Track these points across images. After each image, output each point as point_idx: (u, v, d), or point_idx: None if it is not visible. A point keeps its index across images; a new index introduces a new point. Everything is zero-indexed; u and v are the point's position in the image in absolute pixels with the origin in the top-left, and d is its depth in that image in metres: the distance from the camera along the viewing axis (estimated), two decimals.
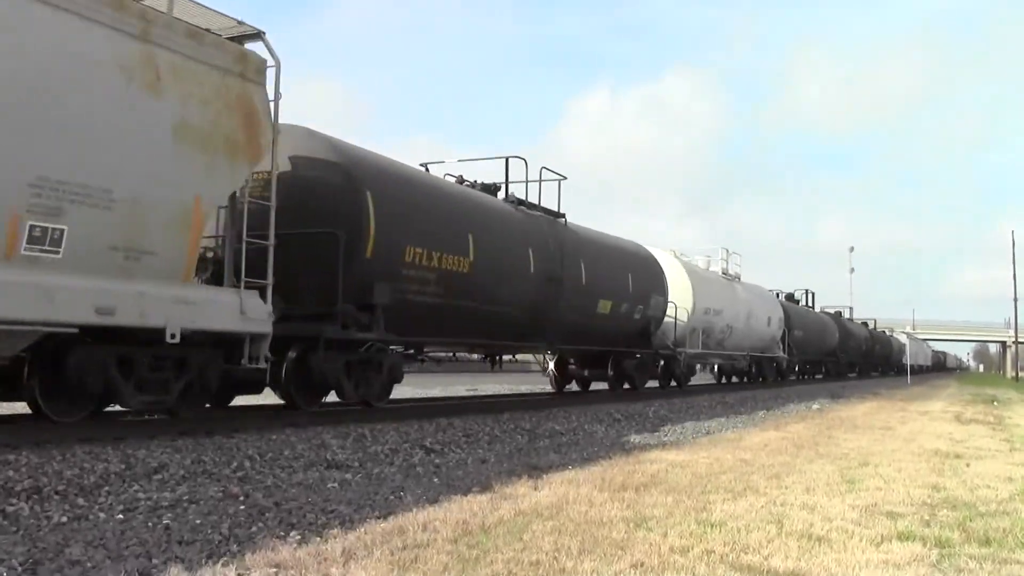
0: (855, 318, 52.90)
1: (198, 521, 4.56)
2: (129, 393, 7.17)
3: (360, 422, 9.15)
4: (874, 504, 5.55)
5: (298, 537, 4.27)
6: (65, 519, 4.53)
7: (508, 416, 10.86)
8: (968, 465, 7.77)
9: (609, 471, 6.63)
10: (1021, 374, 61.49)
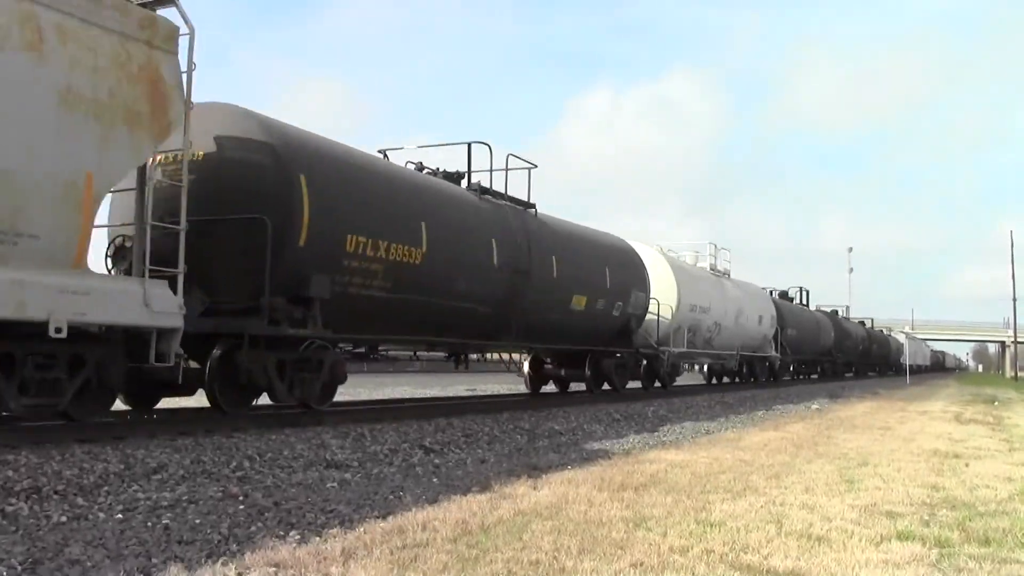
0: (853, 317, 52.04)
1: (197, 521, 4.57)
2: (10, 395, 6.27)
3: (359, 422, 9.16)
4: (873, 504, 5.55)
5: (297, 537, 4.27)
6: (64, 519, 4.54)
7: (507, 416, 10.87)
8: (967, 465, 7.77)
9: (608, 471, 6.63)
10: (1020, 374, 61.55)
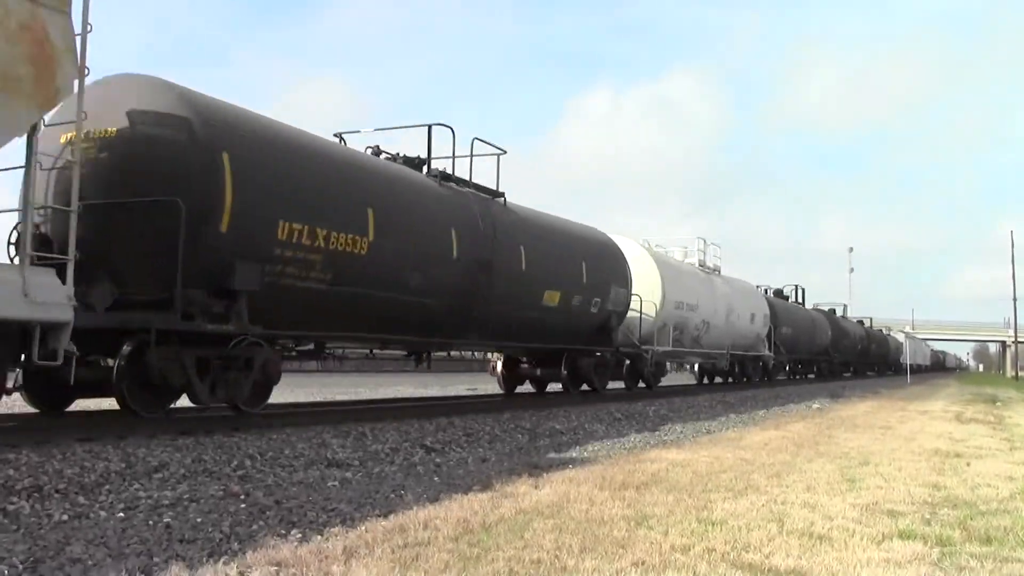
0: (852, 317, 51.32)
1: (199, 519, 4.57)
2: None
3: (360, 421, 9.16)
4: (875, 503, 5.55)
5: (299, 535, 4.27)
6: (66, 517, 4.53)
7: (509, 415, 10.88)
8: (968, 464, 7.77)
9: (610, 470, 6.63)
10: (1021, 373, 61.54)
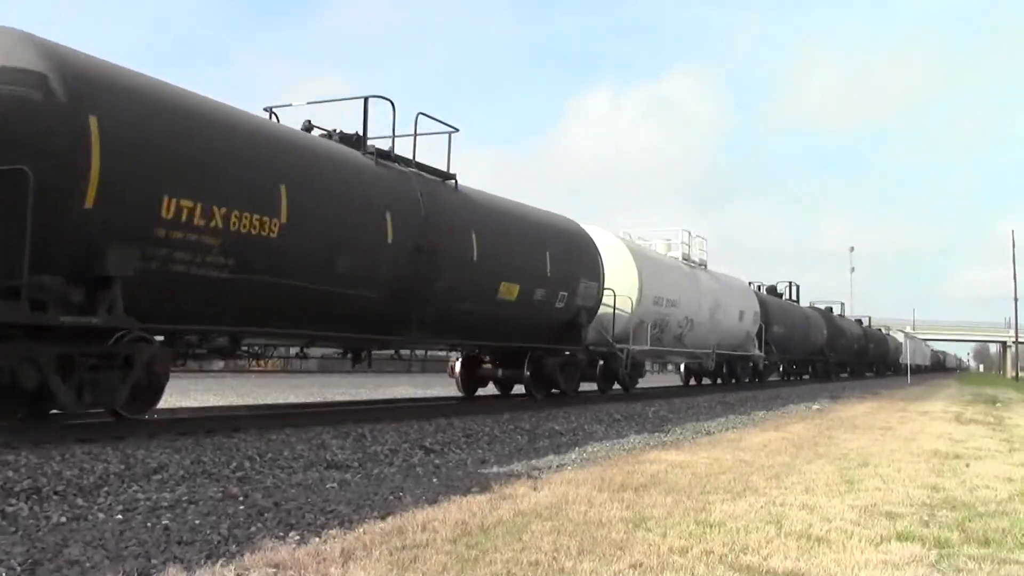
0: (851, 316, 50.25)
1: (197, 521, 4.57)
2: None
3: (360, 422, 9.16)
4: (873, 504, 5.55)
5: (297, 537, 4.27)
6: (64, 519, 4.54)
7: (508, 417, 10.88)
8: (968, 465, 7.77)
9: (608, 471, 6.63)
10: (1021, 374, 61.54)
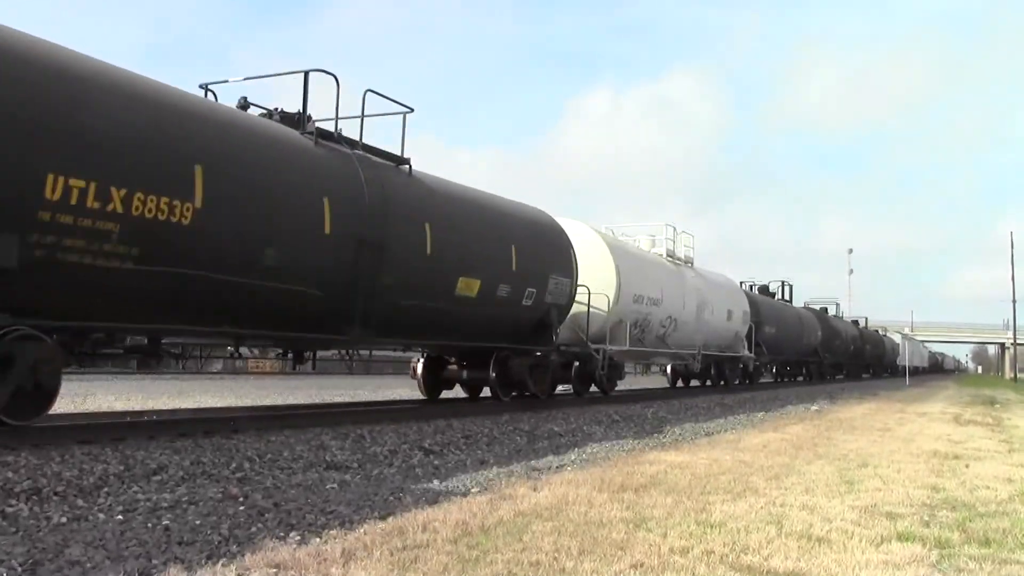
0: (848, 317, 49.70)
1: (198, 522, 4.57)
2: None
3: (359, 423, 9.16)
4: (873, 505, 5.55)
5: (298, 538, 4.27)
6: (64, 520, 4.53)
7: (507, 418, 10.88)
8: (967, 466, 7.78)
9: (608, 472, 6.63)
10: (1020, 375, 61.62)
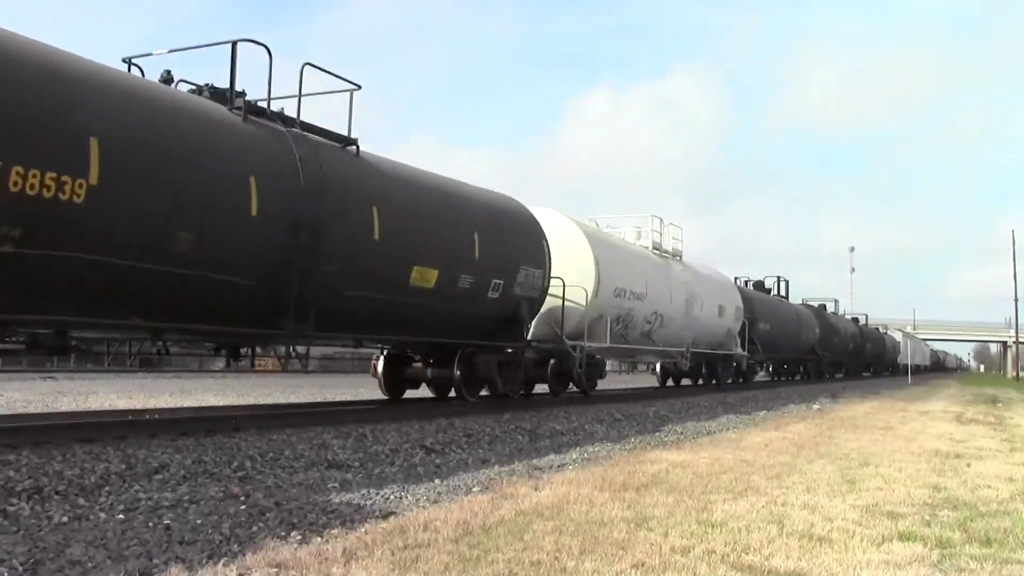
0: (848, 314, 48.99)
1: (199, 521, 4.57)
2: None
3: (361, 422, 9.16)
4: (875, 504, 5.55)
5: (299, 537, 4.27)
6: (66, 519, 4.54)
7: (509, 416, 10.88)
8: (969, 465, 7.77)
9: (610, 471, 6.63)
10: (1022, 374, 61.53)
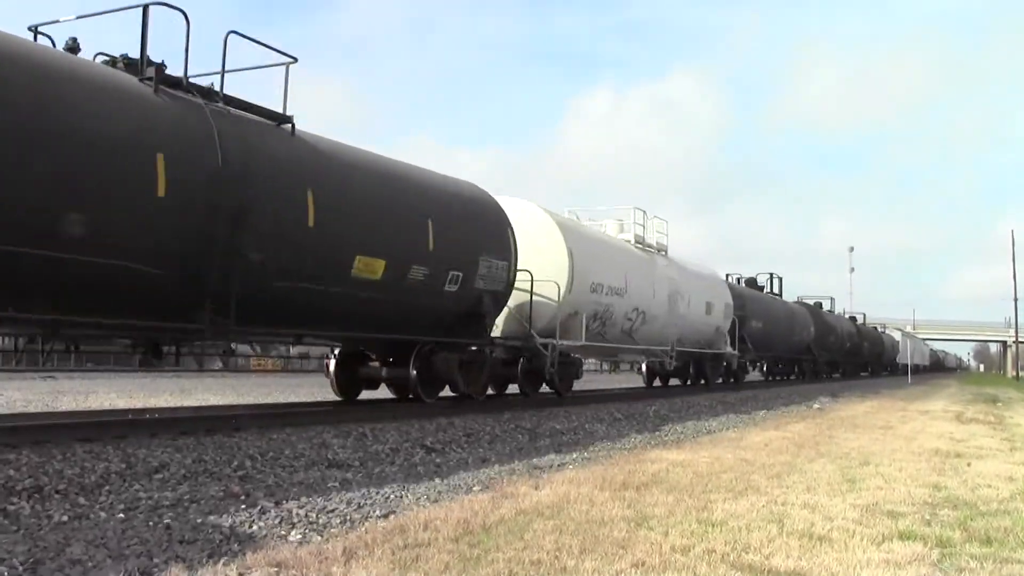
0: (845, 313, 48.12)
1: (199, 520, 4.57)
2: None
3: (360, 421, 9.16)
4: (875, 503, 5.54)
5: (299, 536, 4.27)
6: (66, 518, 4.54)
7: (509, 416, 10.88)
8: (969, 464, 7.76)
9: (610, 470, 6.63)
10: (1022, 373, 61.53)
